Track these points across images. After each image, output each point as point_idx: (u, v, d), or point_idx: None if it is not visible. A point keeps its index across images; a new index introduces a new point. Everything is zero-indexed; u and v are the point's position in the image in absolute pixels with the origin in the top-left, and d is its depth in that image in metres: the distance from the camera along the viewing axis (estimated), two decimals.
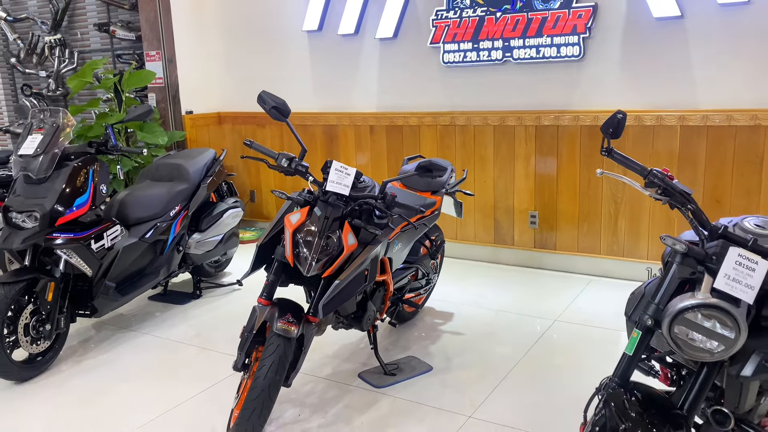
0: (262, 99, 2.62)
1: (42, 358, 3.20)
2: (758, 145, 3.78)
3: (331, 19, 5.08)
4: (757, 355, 1.69)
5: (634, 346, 1.75)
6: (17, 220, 3.12)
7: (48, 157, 3.19)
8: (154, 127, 4.96)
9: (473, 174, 4.69)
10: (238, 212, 4.34)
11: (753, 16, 3.70)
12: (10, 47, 7.08)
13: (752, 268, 1.59)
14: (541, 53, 4.30)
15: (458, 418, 2.68)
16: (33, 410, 2.87)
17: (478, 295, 4.09)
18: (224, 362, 3.21)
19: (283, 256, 2.54)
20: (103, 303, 3.41)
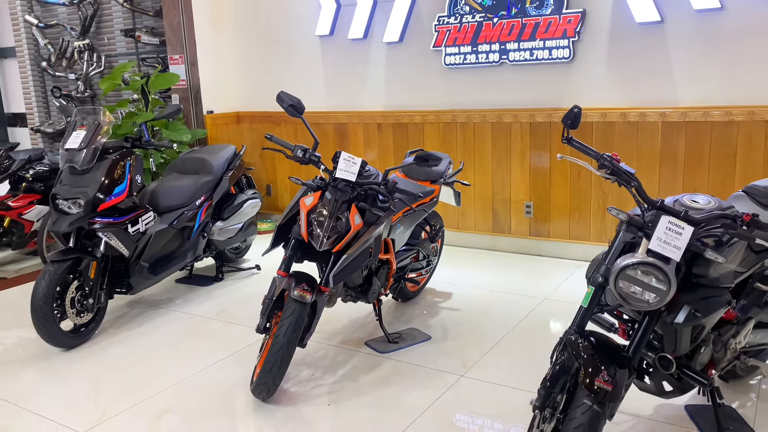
0: (280, 98, 3.02)
1: (85, 329, 3.61)
2: (732, 139, 4.12)
3: (341, 24, 5.47)
4: (687, 306, 2.05)
5: (588, 299, 2.12)
6: (64, 207, 3.53)
7: (90, 151, 3.60)
8: (178, 126, 5.37)
9: (473, 168, 5.06)
10: (257, 203, 4.74)
11: (726, 21, 4.05)
12: (41, 52, 7.54)
13: (679, 232, 1.95)
14: (534, 55, 4.66)
15: (451, 377, 3.05)
16: (80, 373, 3.28)
17: (475, 278, 4.46)
18: (245, 334, 3.61)
19: (298, 234, 2.93)
20: (138, 281, 3.82)
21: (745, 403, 2.73)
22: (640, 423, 2.61)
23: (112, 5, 6.86)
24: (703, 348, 2.29)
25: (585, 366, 2.00)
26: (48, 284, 3.36)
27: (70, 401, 2.97)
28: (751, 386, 2.87)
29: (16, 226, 5.40)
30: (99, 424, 2.76)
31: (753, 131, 4.04)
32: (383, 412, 2.76)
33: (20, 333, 3.81)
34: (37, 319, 3.34)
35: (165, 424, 2.75)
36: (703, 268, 2.06)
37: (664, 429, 2.57)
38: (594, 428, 1.92)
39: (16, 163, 5.36)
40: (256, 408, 2.83)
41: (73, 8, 7.11)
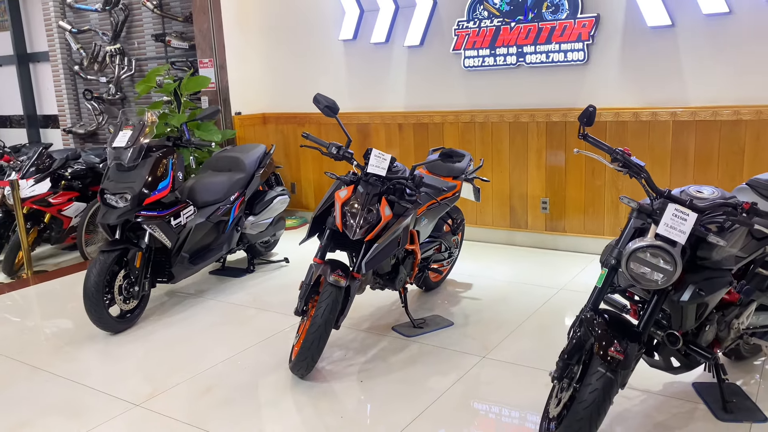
0: (317, 99, 3.27)
1: (131, 315, 3.88)
2: (740, 137, 4.31)
3: (364, 29, 5.72)
4: (692, 285, 2.27)
5: (602, 280, 2.35)
6: (111, 201, 3.80)
7: (136, 149, 3.86)
8: (210, 126, 5.64)
9: (491, 165, 5.28)
10: (285, 199, 4.99)
11: (734, 25, 4.24)
12: (74, 56, 7.85)
13: (684, 218, 2.18)
14: (550, 58, 4.88)
15: (474, 358, 3.28)
16: (129, 353, 3.54)
17: (494, 271, 4.69)
18: (279, 319, 3.86)
19: (333, 225, 3.17)
20: (179, 270, 4.08)
21: (749, 381, 2.94)
22: (650, 398, 2.83)
23: (143, 11, 7.16)
24: (708, 326, 2.51)
25: (599, 339, 2.22)
26: (98, 273, 3.63)
27: (123, 378, 3.23)
28: (756, 366, 3.07)
29: (55, 222, 5.70)
30: (152, 397, 3.01)
31: (760, 130, 4.24)
32: (412, 388, 3.00)
33: (67, 320, 4.09)
34: (89, 304, 3.61)
35: (211, 397, 3.00)
36: (707, 251, 2.28)
37: (673, 403, 2.79)
38: (607, 393, 2.14)
39: (56, 162, 5.65)
40: (294, 385, 3.08)
41: (104, 14, 7.42)
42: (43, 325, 4.18)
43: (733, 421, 2.60)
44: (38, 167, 5.52)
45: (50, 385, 3.19)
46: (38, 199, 5.39)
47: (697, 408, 2.73)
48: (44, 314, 4.41)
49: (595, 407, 2.12)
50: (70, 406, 2.98)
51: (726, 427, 2.58)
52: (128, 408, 2.93)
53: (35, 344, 3.77)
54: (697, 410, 2.72)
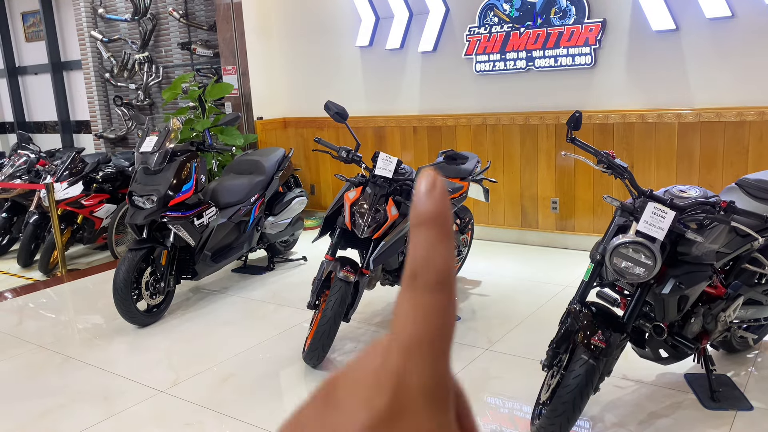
0: (327, 107, 3.48)
1: (157, 309, 4.13)
2: (744, 138, 4.41)
3: (379, 36, 5.92)
4: (673, 279, 2.43)
5: (588, 274, 2.51)
6: (139, 202, 4.06)
7: (162, 153, 4.12)
8: (233, 131, 5.89)
9: (502, 167, 5.44)
10: (303, 200, 5.21)
11: (737, 29, 4.35)
12: (105, 64, 8.19)
13: (663, 216, 2.33)
14: (558, 62, 5.02)
15: (478, 350, 3.46)
16: (155, 345, 3.79)
17: (503, 269, 4.85)
18: (295, 314, 4.07)
19: (343, 224, 3.38)
20: (202, 268, 4.33)
21: (739, 372, 3.06)
22: (642, 388, 2.97)
23: (170, 20, 7.46)
24: (693, 318, 2.65)
25: (584, 328, 2.39)
26: (127, 270, 3.89)
27: (149, 367, 3.48)
28: (748, 359, 3.20)
29: (87, 223, 6.00)
30: (176, 384, 3.25)
31: (764, 130, 4.33)
32: None
33: (98, 315, 4.36)
34: (118, 299, 3.87)
35: (230, 385, 3.22)
36: (687, 247, 2.43)
37: (664, 393, 2.93)
38: (590, 378, 2.30)
39: (88, 166, 5.96)
40: (307, 374, 3.29)
41: (133, 24, 7.73)
42: (75, 319, 4.46)
43: (719, 409, 2.74)
44: (71, 171, 5.83)
45: (82, 373, 3.45)
46: (71, 201, 5.69)
47: (687, 397, 2.87)
48: (77, 309, 4.69)
49: (578, 391, 2.29)
50: (100, 392, 3.23)
51: (712, 414, 2.72)
52: (154, 394, 3.17)
53: (68, 336, 4.05)
54: (687, 400, 2.86)
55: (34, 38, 9.18)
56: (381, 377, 0.29)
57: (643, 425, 2.68)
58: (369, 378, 0.29)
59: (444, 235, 0.30)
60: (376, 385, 0.29)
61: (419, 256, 0.30)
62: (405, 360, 0.29)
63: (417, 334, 0.29)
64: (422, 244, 0.30)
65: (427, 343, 0.29)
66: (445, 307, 0.30)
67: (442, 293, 0.30)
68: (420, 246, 0.30)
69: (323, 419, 0.29)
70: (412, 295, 0.30)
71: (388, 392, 0.28)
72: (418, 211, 0.31)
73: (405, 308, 0.30)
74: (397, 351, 0.29)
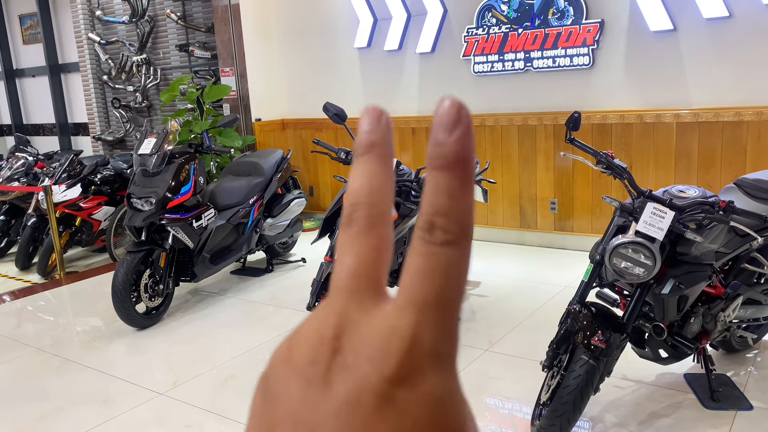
0: (326, 108, 3.48)
1: (156, 312, 4.12)
2: (742, 137, 4.42)
3: (378, 37, 5.92)
4: (672, 279, 2.43)
5: (588, 275, 2.51)
6: (137, 204, 4.05)
7: (160, 155, 4.11)
8: (231, 133, 5.89)
9: (501, 167, 5.44)
10: (302, 202, 5.21)
11: (734, 29, 4.35)
12: (102, 66, 8.19)
13: (662, 216, 2.33)
14: (556, 63, 5.03)
15: (478, 351, 3.45)
16: (154, 347, 3.79)
17: (503, 269, 4.85)
18: (295, 316, 4.07)
19: None
20: (201, 270, 4.32)
21: (739, 372, 3.07)
22: (642, 388, 2.97)
23: (167, 22, 7.45)
24: (693, 318, 2.65)
25: (584, 329, 2.39)
26: (126, 272, 3.88)
27: (148, 369, 3.47)
28: (748, 359, 3.20)
29: (86, 225, 5.99)
30: (175, 387, 3.24)
31: (762, 130, 4.34)
32: None
33: (97, 317, 4.35)
34: (117, 302, 3.86)
35: (229, 387, 3.22)
36: (686, 247, 2.43)
37: (664, 393, 2.93)
38: (590, 379, 2.30)
39: (87, 168, 5.95)
40: None
41: (131, 26, 7.73)
42: (74, 321, 4.45)
43: (719, 409, 2.74)
44: (69, 173, 5.81)
45: (81, 376, 3.44)
46: (70, 204, 5.68)
47: (687, 397, 2.87)
48: (75, 312, 4.68)
49: (578, 392, 2.29)
50: (99, 395, 3.23)
51: (712, 414, 2.72)
52: (153, 396, 3.16)
53: (67, 339, 4.04)
54: (687, 400, 2.86)
55: (32, 41, 9.17)
56: (392, 337, 0.27)
57: (643, 425, 2.68)
58: (378, 337, 0.28)
59: (469, 182, 0.28)
60: (387, 346, 0.27)
61: (440, 205, 0.28)
62: (420, 317, 0.27)
63: (434, 291, 0.27)
64: (444, 191, 0.28)
65: (444, 300, 0.27)
66: (464, 263, 0.28)
67: (461, 247, 0.28)
68: (441, 193, 0.28)
69: (328, 387, 0.28)
70: (428, 248, 0.28)
71: (400, 353, 0.27)
72: (443, 151, 0.28)
73: (419, 262, 0.28)
74: (411, 308, 0.27)
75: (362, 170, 0.31)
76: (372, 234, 0.30)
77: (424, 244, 0.28)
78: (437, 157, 0.28)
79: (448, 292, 0.28)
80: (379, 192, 0.30)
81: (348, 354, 0.28)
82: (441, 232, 0.28)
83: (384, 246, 0.30)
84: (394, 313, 0.28)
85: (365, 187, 0.30)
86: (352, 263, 0.29)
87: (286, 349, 0.31)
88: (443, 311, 0.27)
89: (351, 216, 0.30)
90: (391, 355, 0.27)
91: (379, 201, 0.30)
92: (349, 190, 0.31)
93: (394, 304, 0.28)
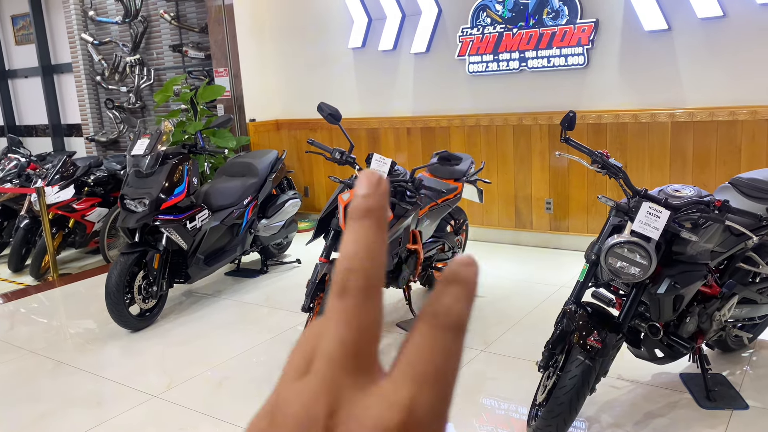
0: (320, 108, 3.46)
1: (150, 314, 4.10)
2: (736, 137, 4.42)
3: (372, 37, 5.91)
4: (668, 278, 2.42)
5: (584, 274, 2.50)
6: (131, 206, 4.03)
7: (153, 156, 4.09)
8: (225, 133, 5.86)
9: (496, 167, 5.44)
10: (297, 202, 5.19)
11: (728, 28, 4.36)
12: (96, 67, 8.15)
13: (658, 215, 2.32)
14: (551, 62, 5.02)
15: (474, 351, 3.44)
16: (148, 349, 3.76)
17: (498, 270, 4.84)
18: (290, 317, 4.05)
19: (337, 226, 3.36)
20: (195, 271, 4.30)
21: (735, 371, 3.06)
22: (638, 387, 2.97)
23: (161, 23, 7.42)
24: (689, 318, 2.65)
25: (580, 329, 2.38)
26: (119, 274, 3.86)
27: (142, 371, 3.45)
28: (744, 358, 3.20)
29: (79, 227, 5.95)
30: (169, 389, 3.22)
31: (756, 129, 4.34)
32: None
33: (90, 319, 4.32)
34: (110, 303, 3.83)
35: (224, 389, 3.20)
36: (681, 246, 2.43)
37: (660, 393, 2.92)
38: (586, 379, 2.29)
39: (80, 169, 5.91)
40: None
41: (124, 26, 7.69)
42: (67, 324, 4.42)
43: (715, 408, 2.74)
44: (63, 174, 5.78)
45: (74, 378, 3.42)
46: (63, 205, 5.64)
47: (683, 397, 2.87)
48: (69, 314, 4.65)
49: (574, 392, 2.28)
50: (92, 397, 3.20)
51: (708, 413, 2.71)
52: (147, 399, 3.14)
53: (60, 341, 4.01)
54: (682, 399, 2.85)
55: (24, 41, 9.12)
56: (389, 411, 0.29)
57: (639, 425, 2.67)
58: (375, 415, 0.29)
59: (473, 291, 0.32)
60: (383, 422, 0.29)
61: (445, 304, 0.31)
62: (417, 392, 0.29)
63: (434, 369, 0.30)
64: (453, 295, 0.31)
65: (442, 379, 0.30)
66: (461, 347, 0.31)
67: (461, 334, 0.31)
68: (450, 296, 0.31)
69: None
70: (432, 332, 0.30)
71: (396, 426, 0.28)
72: (460, 272, 0.32)
73: (421, 341, 0.30)
74: (410, 383, 0.29)
75: (358, 235, 0.31)
76: (368, 306, 0.31)
77: (428, 327, 0.31)
78: (452, 273, 0.32)
79: (446, 371, 0.30)
80: (375, 259, 0.31)
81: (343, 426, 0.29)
82: (443, 321, 0.31)
83: (379, 318, 0.31)
84: (391, 388, 0.29)
85: (361, 254, 0.31)
86: (347, 336, 0.30)
87: (267, 424, 0.31)
88: (440, 389, 0.30)
89: (346, 283, 0.31)
90: (388, 430, 0.28)
91: (376, 270, 0.31)
92: (343, 254, 0.31)
93: (391, 378, 0.30)
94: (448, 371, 0.30)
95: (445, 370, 0.30)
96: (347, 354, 0.30)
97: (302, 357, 0.32)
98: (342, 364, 0.30)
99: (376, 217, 0.32)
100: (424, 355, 0.30)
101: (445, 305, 0.31)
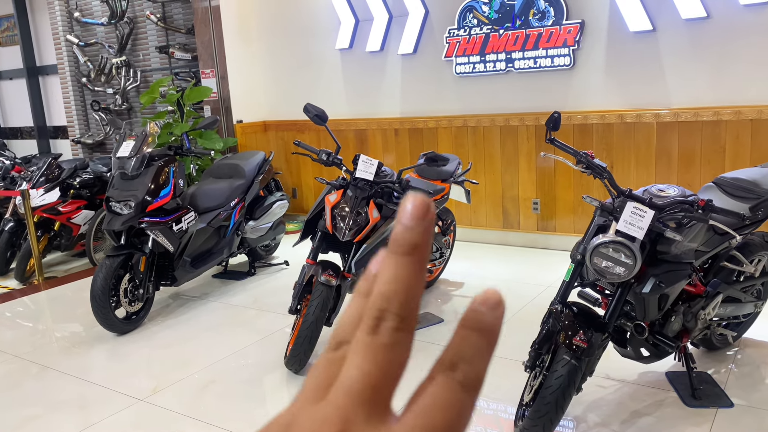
0: (306, 109, 3.45)
1: (136, 317, 4.07)
2: (720, 137, 4.46)
3: (359, 38, 5.90)
4: (653, 278, 2.43)
5: (569, 274, 2.51)
6: (116, 208, 4.00)
7: (139, 158, 4.06)
8: (212, 135, 5.84)
9: (483, 168, 5.45)
10: (285, 204, 5.18)
11: (712, 29, 4.39)
12: (81, 69, 8.09)
13: (642, 215, 2.34)
14: (538, 63, 5.04)
15: None
16: (134, 352, 3.73)
17: (486, 270, 4.85)
18: (277, 319, 4.04)
19: (324, 227, 3.35)
20: (181, 274, 4.27)
21: (720, 369, 3.09)
22: (624, 386, 2.98)
23: (147, 24, 7.38)
24: (674, 317, 2.66)
25: (565, 329, 2.39)
26: (105, 277, 3.83)
27: (128, 375, 3.42)
28: (728, 356, 3.22)
29: (65, 230, 5.91)
30: (155, 393, 3.20)
31: (740, 129, 4.38)
32: (401, 382, 3.16)
33: (76, 323, 4.29)
34: (96, 307, 3.80)
35: (211, 392, 3.18)
36: (666, 246, 2.44)
37: (646, 392, 2.94)
38: (572, 379, 2.30)
39: (65, 171, 5.87)
40: (289, 380, 3.25)
41: (110, 27, 7.64)
42: (53, 327, 4.38)
43: (700, 407, 2.75)
44: (48, 177, 5.73)
45: (59, 382, 3.39)
46: (48, 208, 5.59)
47: (668, 396, 2.88)
48: (54, 318, 4.61)
49: (560, 392, 2.28)
50: (77, 401, 3.18)
51: (693, 412, 2.73)
52: (133, 403, 3.11)
53: (45, 345, 3.98)
54: (668, 398, 2.87)
55: (9, 43, 9.04)
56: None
57: (625, 424, 2.68)
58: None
59: (496, 341, 0.32)
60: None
61: (466, 358, 0.31)
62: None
63: (444, 423, 0.30)
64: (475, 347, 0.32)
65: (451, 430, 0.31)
66: (473, 405, 0.32)
67: (476, 394, 0.32)
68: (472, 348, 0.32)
69: None
70: (450, 384, 0.31)
71: None
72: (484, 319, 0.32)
73: (437, 393, 0.31)
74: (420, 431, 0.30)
75: (398, 274, 0.31)
76: (397, 350, 0.31)
77: (446, 380, 0.31)
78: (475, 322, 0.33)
79: (458, 428, 0.30)
80: (412, 302, 0.31)
81: None
82: (462, 376, 0.31)
83: (405, 362, 0.31)
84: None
85: (400, 297, 0.30)
86: (371, 373, 0.30)
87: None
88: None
89: (379, 322, 0.30)
90: None
91: (411, 313, 0.31)
92: (381, 291, 0.30)
93: (402, 423, 0.30)
94: (459, 428, 0.30)
95: (457, 427, 0.30)
96: (366, 390, 0.30)
97: (322, 381, 0.31)
98: (360, 399, 0.30)
99: (420, 255, 0.31)
100: (437, 408, 0.30)
101: (465, 359, 0.31)
